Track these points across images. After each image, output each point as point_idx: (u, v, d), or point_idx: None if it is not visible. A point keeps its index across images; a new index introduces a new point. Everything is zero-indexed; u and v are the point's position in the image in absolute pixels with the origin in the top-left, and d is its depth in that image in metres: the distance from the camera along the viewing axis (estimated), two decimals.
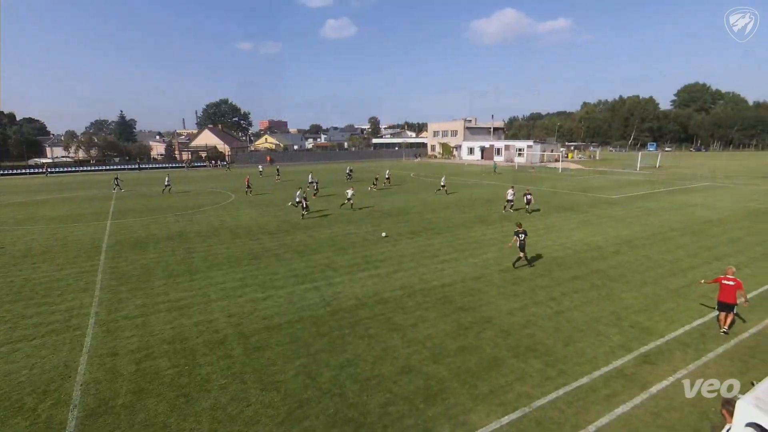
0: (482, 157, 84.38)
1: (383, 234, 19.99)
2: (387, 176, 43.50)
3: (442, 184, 36.00)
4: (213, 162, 79.33)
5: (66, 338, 10.26)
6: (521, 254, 15.08)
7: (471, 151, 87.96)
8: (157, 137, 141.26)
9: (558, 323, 10.78)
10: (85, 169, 71.41)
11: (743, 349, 9.49)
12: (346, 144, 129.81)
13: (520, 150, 77.11)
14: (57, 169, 68.87)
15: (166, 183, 38.81)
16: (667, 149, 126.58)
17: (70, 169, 70.56)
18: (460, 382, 8.28)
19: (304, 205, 25.36)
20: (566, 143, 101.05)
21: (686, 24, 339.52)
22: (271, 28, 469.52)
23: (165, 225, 23.80)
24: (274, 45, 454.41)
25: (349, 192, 28.05)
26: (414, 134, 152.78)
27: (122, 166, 73.03)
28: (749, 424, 4.69)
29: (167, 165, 77.34)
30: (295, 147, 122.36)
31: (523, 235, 14.98)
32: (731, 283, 10.12)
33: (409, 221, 23.79)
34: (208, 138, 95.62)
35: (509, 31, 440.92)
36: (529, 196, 26.14)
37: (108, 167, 72.80)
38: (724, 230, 20.85)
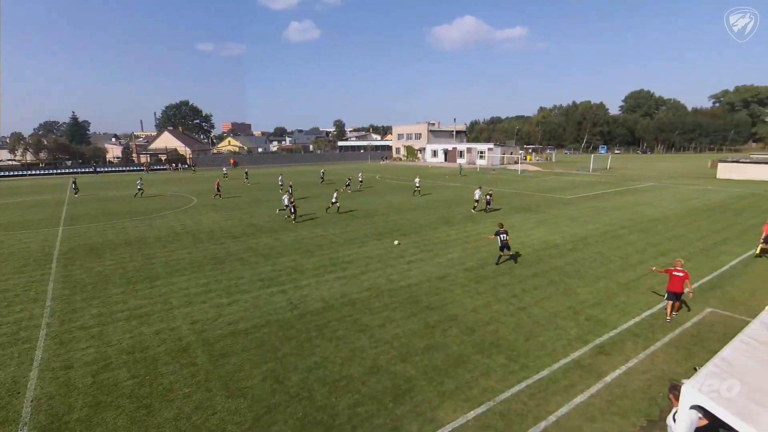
0: (446, 160, 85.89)
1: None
2: (360, 179, 44.09)
3: (417, 186, 36.87)
4: (174, 165, 76.50)
5: (14, 352, 9.65)
6: (502, 253, 15.92)
7: (435, 153, 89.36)
8: (113, 139, 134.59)
9: (519, 319, 11.21)
10: (34, 173, 67.21)
11: (686, 337, 10.23)
12: (311, 147, 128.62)
13: (481, 152, 79.12)
14: (3, 173, 64.47)
15: (138, 187, 37.43)
16: (616, 152, 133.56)
17: (18, 172, 66.29)
18: (427, 379, 8.47)
19: (292, 210, 24.90)
20: (525, 146, 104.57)
21: (633, 34, 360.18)
22: (233, 29, 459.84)
23: (122, 230, 22.77)
24: (236, 46, 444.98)
25: (335, 195, 27.86)
26: (379, 137, 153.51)
27: (76, 170, 69.05)
28: (693, 407, 5.11)
29: (125, 168, 73.88)
30: (260, 150, 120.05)
31: (505, 235, 15.70)
32: (680, 274, 10.97)
33: (375, 223, 23.93)
34: (167, 140, 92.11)
35: (469, 38, 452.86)
36: (488, 197, 27.34)
37: (60, 171, 68.73)
38: (668, 227, 22.31)
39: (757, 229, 21.38)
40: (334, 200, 27.42)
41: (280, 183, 40.32)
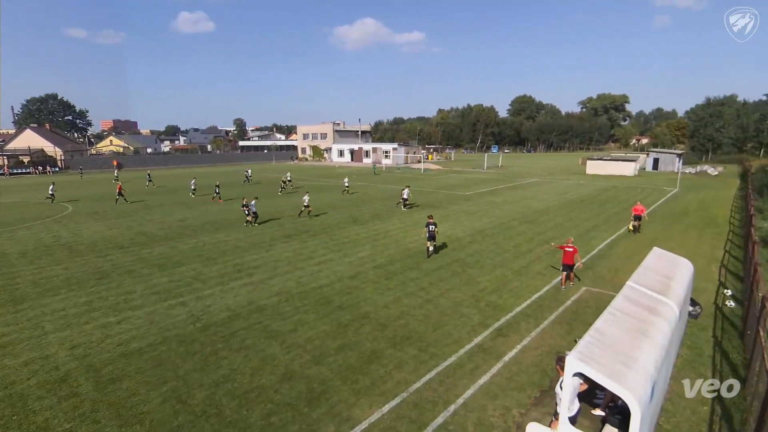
0: (352, 160, 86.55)
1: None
2: (288, 179, 43.48)
3: (346, 185, 37.58)
4: (40, 167, 65.95)
5: None
6: (429, 243, 16.80)
7: (341, 153, 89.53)
8: None
9: (428, 311, 11.76)
10: None
11: (568, 314, 11.64)
12: (209, 147, 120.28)
13: (386, 152, 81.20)
14: None
15: (50, 192, 32.84)
16: (506, 151, 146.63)
17: None
18: (342, 379, 8.47)
19: (248, 212, 23.12)
20: (426, 146, 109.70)
21: (517, 44, 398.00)
22: (110, 13, 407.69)
23: None
24: (114, 34, 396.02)
25: (306, 198, 25.98)
26: (283, 137, 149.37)
27: None
28: (575, 374, 5.83)
29: None
30: (149, 150, 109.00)
31: (433, 227, 16.64)
32: (570, 249, 13.23)
33: (282, 225, 23.24)
34: (30, 139, 78.91)
35: (370, 40, 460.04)
36: (403, 193, 28.89)
37: None
38: (550, 218, 25.15)
39: (618, 216, 25.16)
40: (306, 204, 25.78)
41: (193, 187, 37.22)
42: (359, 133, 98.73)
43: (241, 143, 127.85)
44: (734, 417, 7.45)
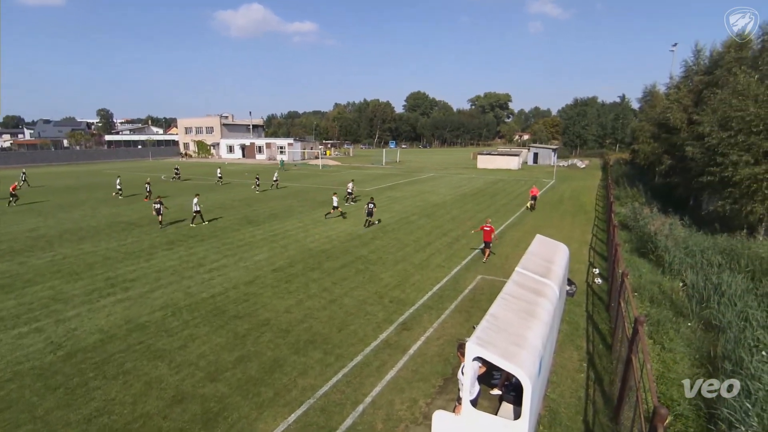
0: (243, 156, 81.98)
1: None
2: (219, 175, 41.14)
3: (275, 179, 37.80)
4: None
5: None
6: (368, 218, 20.82)
7: (231, 149, 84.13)
8: None
9: (332, 312, 11.47)
10: None
11: (466, 302, 12.28)
12: (66, 141, 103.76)
13: (281, 148, 78.43)
14: None
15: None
16: (403, 146, 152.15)
17: None
18: (242, 394, 7.82)
19: (161, 211, 21.12)
20: (324, 141, 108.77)
21: (409, 40, 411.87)
22: None
23: None
24: None
25: (335, 199, 23.90)
26: (161, 130, 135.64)
27: None
28: (475, 359, 6.05)
29: None
30: None
31: (372, 205, 20.74)
32: (488, 228, 15.73)
33: (165, 230, 20.93)
34: None
35: (258, 28, 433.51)
36: (349, 190, 29.76)
37: None
38: (447, 211, 26.55)
39: (506, 207, 27.62)
40: (335, 204, 23.73)
41: (118, 187, 31.88)
42: (250, 127, 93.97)
43: (108, 137, 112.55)
44: (604, 379, 8.51)
